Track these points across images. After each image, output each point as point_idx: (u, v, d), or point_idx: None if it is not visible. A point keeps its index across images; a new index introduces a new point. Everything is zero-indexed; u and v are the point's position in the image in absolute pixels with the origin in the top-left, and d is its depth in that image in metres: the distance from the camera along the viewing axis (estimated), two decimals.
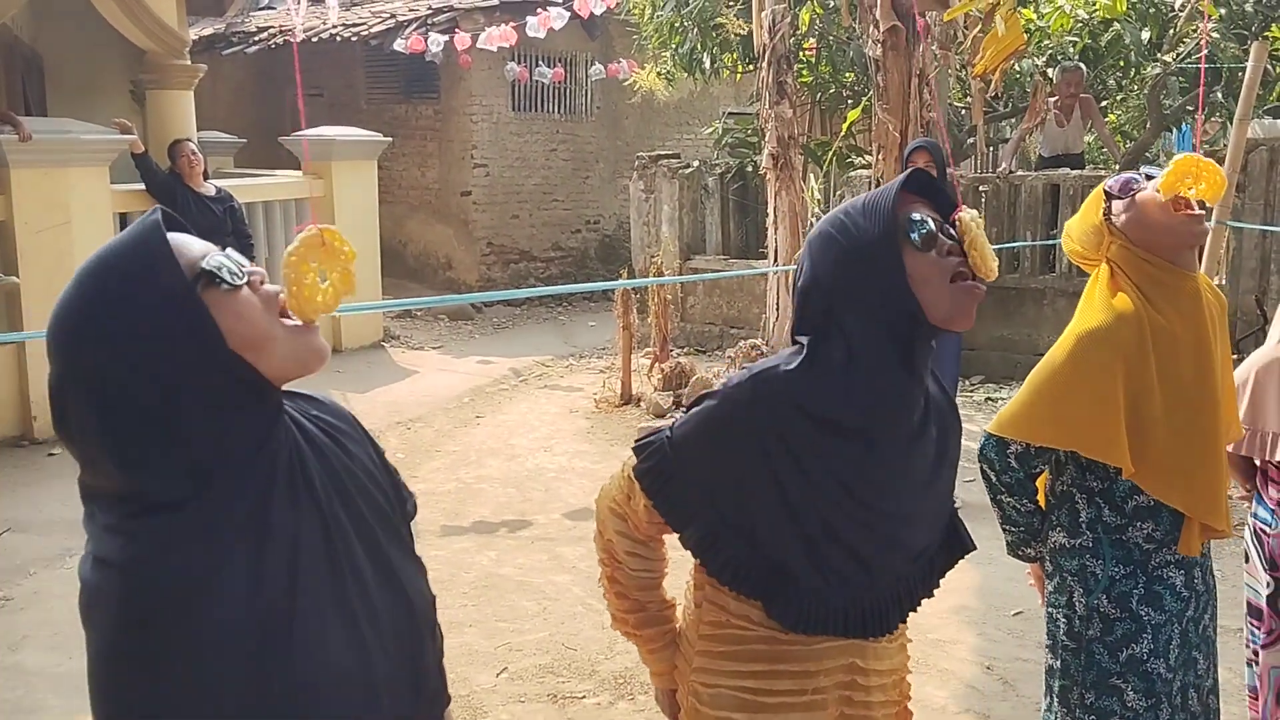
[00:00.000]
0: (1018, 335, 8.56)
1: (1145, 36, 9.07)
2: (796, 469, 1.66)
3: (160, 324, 1.21)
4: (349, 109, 13.12)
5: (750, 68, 10.09)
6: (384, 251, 10.87)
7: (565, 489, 6.34)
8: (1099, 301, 2.38)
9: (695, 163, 10.53)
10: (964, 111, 10.23)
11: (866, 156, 8.85)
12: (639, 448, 1.84)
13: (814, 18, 10.00)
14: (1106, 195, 2.42)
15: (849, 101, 10.14)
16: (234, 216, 8.06)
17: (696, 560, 1.81)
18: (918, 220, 1.66)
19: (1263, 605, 2.92)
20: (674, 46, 10.54)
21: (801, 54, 10.00)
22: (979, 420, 7.38)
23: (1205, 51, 8.51)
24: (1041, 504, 2.56)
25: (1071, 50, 9.30)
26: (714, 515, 1.74)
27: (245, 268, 1.29)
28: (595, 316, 12.08)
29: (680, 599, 1.99)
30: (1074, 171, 8.56)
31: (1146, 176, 2.42)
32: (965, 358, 7.01)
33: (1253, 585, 2.97)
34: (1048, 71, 9.12)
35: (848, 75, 10.24)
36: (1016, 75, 9.58)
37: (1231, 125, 5.34)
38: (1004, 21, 6.17)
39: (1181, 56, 9.15)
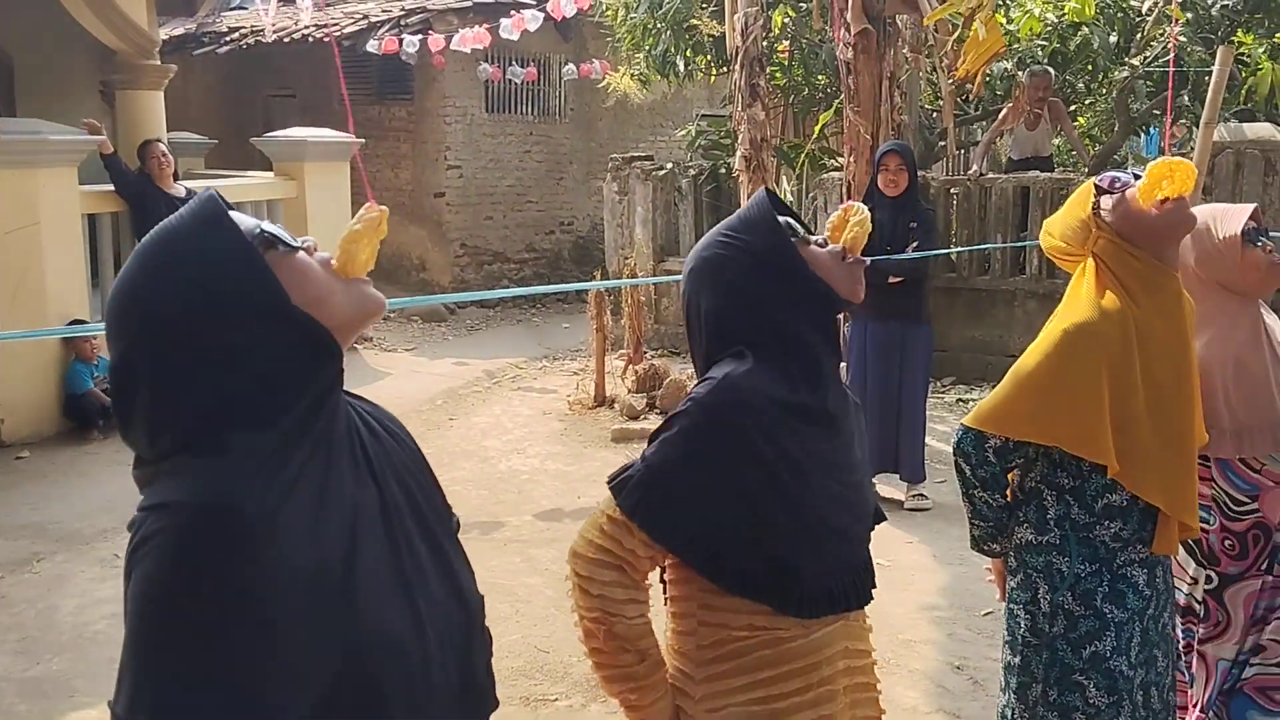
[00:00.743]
0: (989, 336, 8.62)
1: (1113, 40, 9.15)
2: (784, 459, 1.76)
3: (228, 280, 1.25)
4: (321, 110, 13.07)
5: (723, 70, 10.11)
6: None
7: (538, 491, 6.34)
8: (1085, 297, 2.40)
9: (669, 164, 10.55)
10: (935, 115, 10.30)
11: (839, 159, 8.89)
12: (618, 486, 1.82)
13: (786, 20, 10.05)
14: (1097, 190, 2.45)
15: (821, 104, 10.18)
16: None
17: (698, 580, 1.80)
18: (789, 223, 1.89)
19: (1196, 602, 2.93)
20: (647, 48, 10.55)
21: (774, 56, 10.04)
22: (950, 421, 7.44)
23: (1173, 55, 8.60)
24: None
25: (1040, 54, 9.38)
26: (714, 529, 1.76)
27: (303, 237, 1.36)
28: (569, 318, 12.08)
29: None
30: (1044, 174, 8.64)
31: (1135, 175, 2.46)
32: (936, 359, 7.05)
33: (1177, 582, 2.94)
34: (1017, 75, 9.20)
35: (820, 78, 10.28)
36: (988, 78, 9.66)
37: (1198, 129, 5.39)
38: (984, 25, 6.22)
39: (1149, 60, 9.24)
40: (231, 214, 1.30)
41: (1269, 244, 2.82)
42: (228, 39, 13.46)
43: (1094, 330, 2.34)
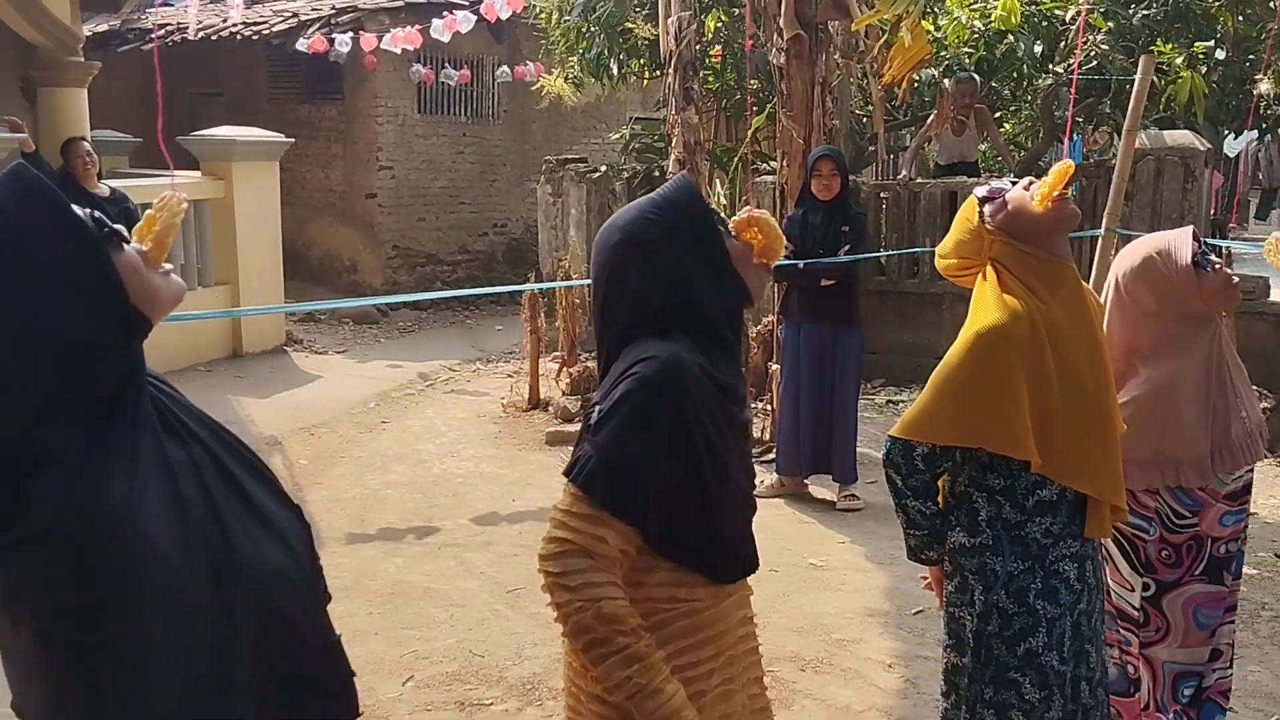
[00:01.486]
0: (918, 339, 8.74)
1: (1038, 49, 9.33)
2: (717, 432, 1.83)
3: (69, 278, 1.30)
4: (249, 109, 12.88)
5: (657, 74, 10.14)
6: (286, 254, 10.69)
7: (473, 494, 6.31)
8: (991, 300, 2.46)
9: (603, 167, 10.55)
10: (865, 120, 10.42)
11: (771, 163, 8.95)
12: (584, 482, 1.77)
13: (720, 25, 10.10)
14: (980, 200, 2.54)
15: (754, 108, 10.24)
16: (129, 218, 7.81)
17: (630, 556, 1.81)
18: (712, 209, 1.96)
19: (1134, 608, 2.99)
20: (581, 51, 10.55)
21: (708, 61, 10.09)
22: (880, 424, 7.53)
23: (1097, 63, 8.79)
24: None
25: (967, 61, 9.53)
26: (668, 504, 1.79)
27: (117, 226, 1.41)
28: (502, 320, 12.03)
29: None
30: (971, 179, 8.78)
31: (1011, 182, 2.57)
32: (867, 361, 7.14)
33: (1116, 590, 3.03)
34: (945, 82, 9.34)
35: (753, 82, 10.35)
36: (915, 84, 9.79)
37: (1120, 136, 5.52)
38: (909, 32, 6.31)
39: (1072, 68, 9.43)
40: (73, 209, 1.36)
41: (1218, 262, 2.92)
42: (153, 36, 13.20)
43: (1004, 330, 2.40)
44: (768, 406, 6.93)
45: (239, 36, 12.20)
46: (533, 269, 10.47)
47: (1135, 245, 3.04)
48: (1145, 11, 9.31)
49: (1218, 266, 2.90)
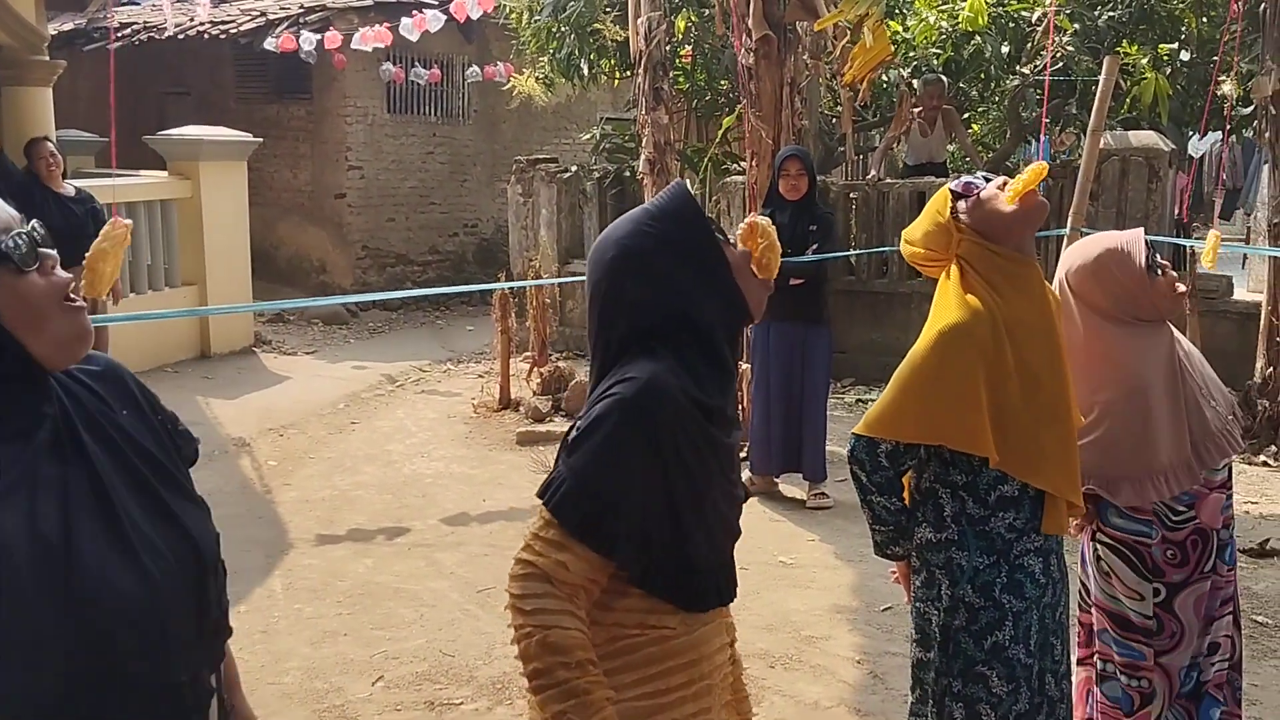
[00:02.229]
0: (887, 338, 8.78)
1: (1005, 50, 9.41)
2: (697, 459, 1.77)
3: None
4: (217, 108, 12.79)
5: (627, 74, 10.16)
6: (255, 255, 10.64)
7: (443, 495, 6.30)
8: (953, 299, 2.49)
9: (573, 167, 10.55)
10: (834, 120, 10.48)
11: (741, 163, 8.98)
12: (556, 506, 1.73)
13: (689, 25, 10.12)
14: (953, 196, 2.55)
15: (724, 108, 10.29)
16: (96, 218, 7.80)
17: (600, 582, 1.76)
18: (710, 218, 1.88)
19: (1147, 617, 2.90)
20: (551, 51, 10.55)
21: (678, 61, 10.11)
22: (849, 422, 7.57)
23: (1063, 64, 8.87)
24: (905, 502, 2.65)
25: (935, 62, 9.60)
26: (642, 532, 1.73)
27: (42, 251, 1.37)
28: (473, 321, 12.01)
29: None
30: (939, 179, 8.84)
31: (984, 178, 2.58)
32: (836, 360, 7.18)
33: (1124, 601, 2.94)
34: (913, 83, 9.40)
35: (723, 83, 10.39)
36: (884, 85, 9.85)
37: (1085, 136, 5.58)
38: (871, 33, 6.35)
39: (1039, 69, 9.52)
40: None
41: (1166, 265, 2.92)
42: (120, 35, 13.10)
43: (965, 329, 2.43)
44: (739, 406, 6.95)
45: (206, 35, 12.12)
46: (503, 269, 10.46)
47: (1085, 244, 2.97)
48: (1111, 13, 9.41)
49: (1166, 270, 2.90)
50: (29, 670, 1.30)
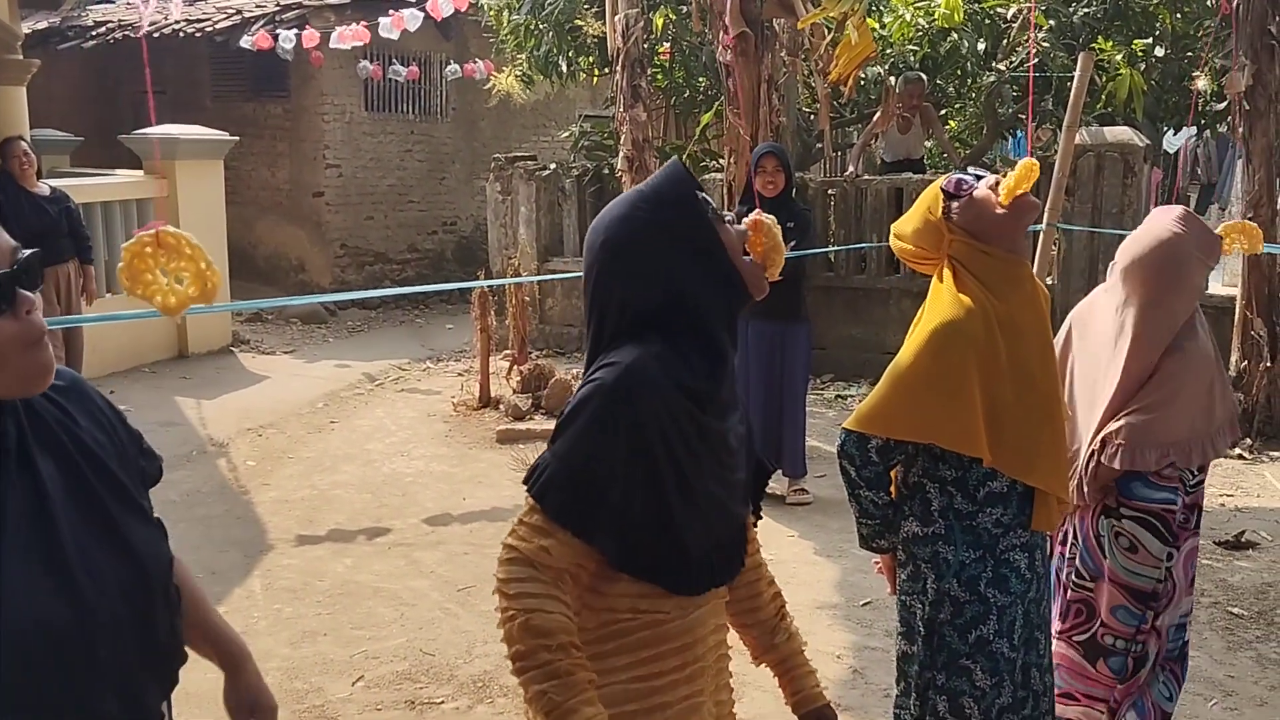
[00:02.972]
0: (865, 334, 8.82)
1: (981, 46, 9.45)
2: (683, 443, 1.75)
3: None
4: (193, 107, 12.72)
5: (606, 71, 10.15)
6: (233, 253, 10.58)
7: (423, 494, 6.29)
8: (947, 298, 2.50)
9: (552, 165, 10.54)
10: (812, 117, 10.50)
11: (719, 160, 9.00)
12: (539, 492, 1.74)
13: (667, 22, 10.13)
14: (945, 195, 2.54)
15: (702, 105, 10.30)
16: (70, 217, 7.77)
17: (589, 566, 1.76)
18: (705, 199, 1.84)
19: (1158, 581, 2.99)
20: (530, 49, 10.53)
21: (656, 58, 10.12)
22: (829, 418, 7.60)
23: (1036, 60, 8.91)
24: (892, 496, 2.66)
25: (912, 59, 9.63)
26: (626, 517, 1.74)
27: (20, 294, 1.33)
28: (453, 319, 11.98)
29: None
30: (916, 176, 8.89)
31: (976, 176, 2.57)
32: (815, 357, 7.21)
33: (1144, 573, 3.00)
34: (891, 80, 9.43)
35: (701, 80, 10.40)
36: (861, 82, 9.88)
37: (1061, 132, 5.61)
38: (855, 30, 6.36)
39: (1015, 66, 9.57)
40: None
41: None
42: (94, 33, 13.02)
43: (960, 327, 2.44)
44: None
45: (182, 34, 12.05)
46: (482, 267, 10.44)
47: (1154, 230, 3.02)
48: (1085, 9, 9.46)
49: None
50: None
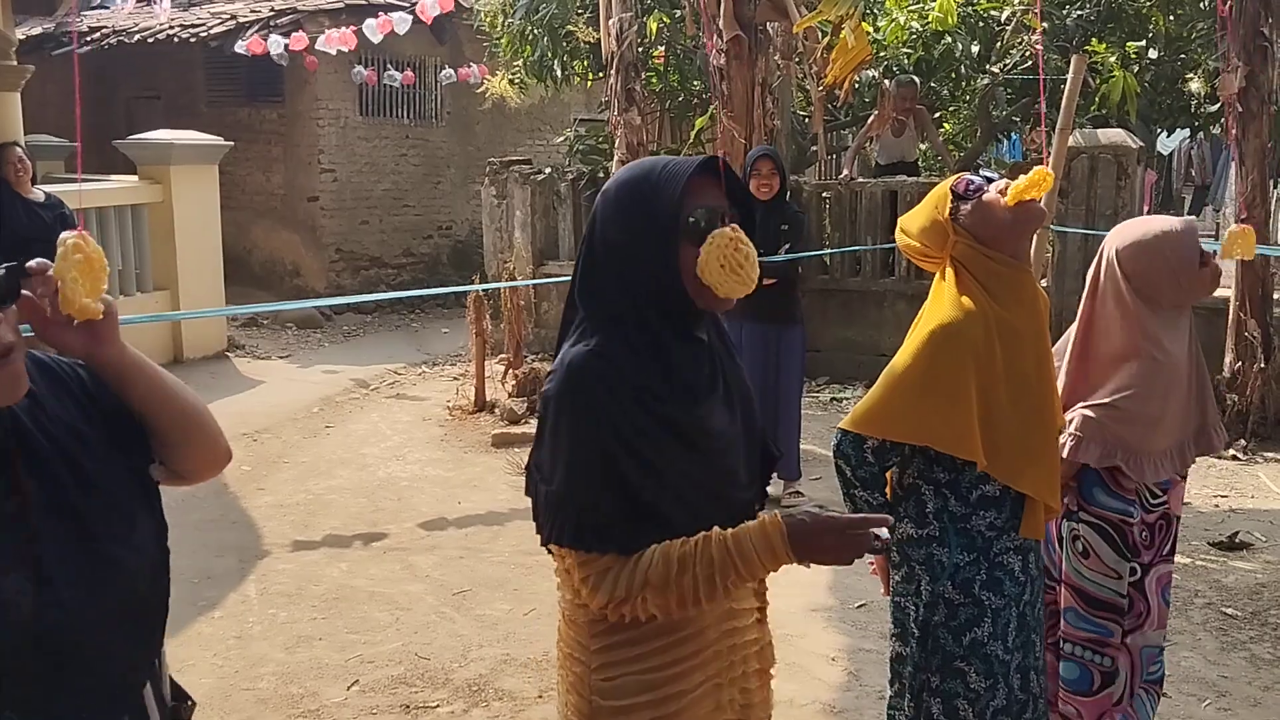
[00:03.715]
0: (860, 337, 8.83)
1: (975, 49, 9.46)
2: (637, 434, 1.74)
3: None
4: (188, 112, 12.72)
5: (600, 75, 10.15)
6: (227, 259, 10.58)
7: (418, 498, 6.28)
8: (947, 300, 2.50)
9: (547, 169, 10.54)
10: (806, 120, 10.51)
11: None
12: (555, 538, 1.77)
13: (661, 26, 10.13)
14: (954, 196, 2.54)
15: (697, 109, 10.30)
16: (65, 223, 7.74)
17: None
18: (699, 208, 1.81)
19: (1121, 595, 2.96)
20: (524, 54, 10.54)
21: (650, 62, 10.12)
22: (824, 420, 7.60)
23: (1031, 63, 8.93)
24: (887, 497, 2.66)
25: (906, 62, 9.64)
26: (607, 513, 1.74)
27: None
28: (448, 323, 11.98)
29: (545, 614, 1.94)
30: (910, 179, 8.90)
31: (987, 179, 2.57)
32: (810, 359, 7.21)
33: (1099, 580, 2.97)
34: (886, 83, 9.45)
35: (695, 83, 10.40)
36: (856, 85, 9.89)
37: (1054, 134, 5.62)
38: (851, 34, 6.38)
39: (1008, 68, 9.59)
40: None
41: (1210, 255, 2.95)
42: (88, 39, 13.01)
43: (958, 330, 2.44)
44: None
45: (176, 39, 12.05)
46: (478, 271, 10.44)
47: (1143, 225, 2.98)
48: (1079, 12, 9.48)
49: (1209, 260, 2.92)
50: None
